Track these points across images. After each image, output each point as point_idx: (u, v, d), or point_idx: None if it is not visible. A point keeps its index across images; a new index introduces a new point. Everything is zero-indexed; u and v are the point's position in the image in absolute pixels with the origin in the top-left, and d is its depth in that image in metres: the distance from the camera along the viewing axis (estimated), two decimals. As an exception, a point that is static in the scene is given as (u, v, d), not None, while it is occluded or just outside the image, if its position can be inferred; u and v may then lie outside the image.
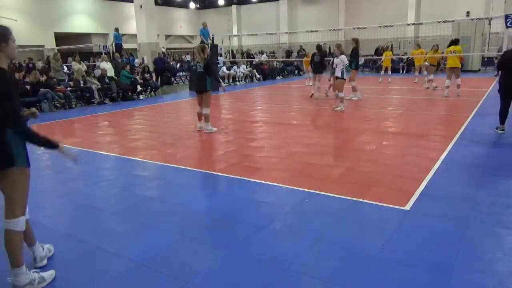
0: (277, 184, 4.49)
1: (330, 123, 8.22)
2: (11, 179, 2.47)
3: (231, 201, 4.14)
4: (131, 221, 3.66)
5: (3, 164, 2.44)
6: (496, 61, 15.62)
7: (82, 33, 28.73)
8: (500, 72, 6.91)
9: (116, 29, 18.24)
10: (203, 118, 7.41)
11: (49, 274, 2.72)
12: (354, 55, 10.97)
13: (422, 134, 6.76)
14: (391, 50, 17.68)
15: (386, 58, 15.91)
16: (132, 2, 21.83)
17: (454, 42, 11.10)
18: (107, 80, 12.81)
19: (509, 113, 6.50)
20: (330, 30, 19.01)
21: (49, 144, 2.58)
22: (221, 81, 7.23)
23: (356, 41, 10.97)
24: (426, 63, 13.45)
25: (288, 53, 25.33)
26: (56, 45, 25.47)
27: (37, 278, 2.60)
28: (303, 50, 22.29)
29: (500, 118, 6.54)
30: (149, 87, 14.38)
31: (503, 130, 6.51)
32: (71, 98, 11.73)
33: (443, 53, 12.80)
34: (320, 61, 11.46)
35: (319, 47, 11.53)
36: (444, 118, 8.32)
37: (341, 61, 9.22)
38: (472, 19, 16.18)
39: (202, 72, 7.16)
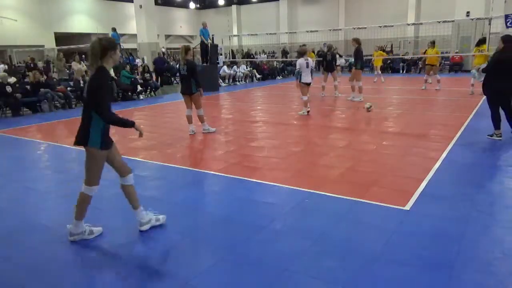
0: (277, 184, 4.49)
1: (330, 123, 8.22)
2: (87, 155, 3.13)
3: (231, 201, 4.15)
4: (131, 221, 3.66)
5: (80, 141, 3.09)
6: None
7: (82, 33, 28.72)
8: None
9: (114, 29, 18.11)
10: (195, 120, 7.37)
11: (97, 230, 3.40)
12: (358, 56, 10.95)
13: (422, 134, 6.76)
14: (384, 50, 17.69)
15: (376, 58, 15.97)
16: (132, 2, 21.89)
17: (482, 41, 11.14)
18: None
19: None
20: (330, 30, 18.98)
21: (127, 125, 3.18)
22: (200, 89, 7.10)
23: (357, 41, 10.96)
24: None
25: (284, 53, 25.24)
26: (56, 45, 25.47)
27: (87, 231, 3.33)
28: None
29: (494, 123, 6.11)
30: (149, 87, 14.39)
31: (500, 136, 6.10)
32: (71, 98, 11.73)
33: (443, 52, 12.86)
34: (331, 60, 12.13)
35: (330, 46, 12.37)
36: (444, 118, 8.31)
37: (298, 64, 8.67)
38: (472, 19, 16.16)
39: (185, 74, 6.98)
